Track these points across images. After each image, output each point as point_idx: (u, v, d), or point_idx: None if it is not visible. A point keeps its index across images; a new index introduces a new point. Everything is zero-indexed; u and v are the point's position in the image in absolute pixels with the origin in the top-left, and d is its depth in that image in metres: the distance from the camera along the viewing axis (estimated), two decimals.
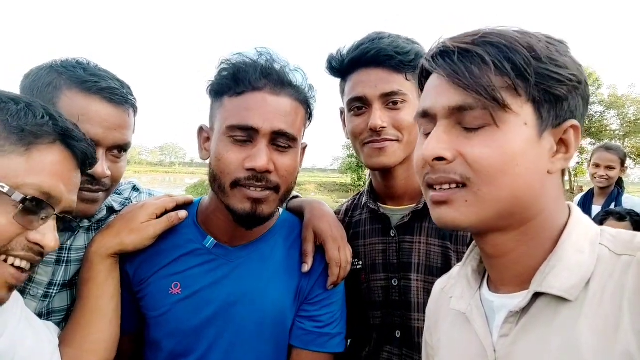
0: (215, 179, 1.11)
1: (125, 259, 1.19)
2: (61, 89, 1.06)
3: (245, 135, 1.06)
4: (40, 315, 1.14)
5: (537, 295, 0.70)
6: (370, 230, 1.38)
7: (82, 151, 0.89)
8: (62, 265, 1.17)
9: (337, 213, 1.50)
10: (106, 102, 1.08)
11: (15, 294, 0.98)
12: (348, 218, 1.48)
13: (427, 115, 0.75)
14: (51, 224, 0.83)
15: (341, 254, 1.22)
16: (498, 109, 0.67)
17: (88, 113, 1.06)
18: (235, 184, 1.07)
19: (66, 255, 1.18)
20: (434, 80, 0.75)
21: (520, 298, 0.72)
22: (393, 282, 1.29)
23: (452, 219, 0.71)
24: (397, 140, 1.25)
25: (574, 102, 0.71)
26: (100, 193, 1.12)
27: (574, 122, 0.72)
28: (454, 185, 0.70)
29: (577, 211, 0.76)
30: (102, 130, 1.06)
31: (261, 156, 1.05)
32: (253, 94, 1.07)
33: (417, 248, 1.27)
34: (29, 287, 1.13)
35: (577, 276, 0.67)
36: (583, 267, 0.68)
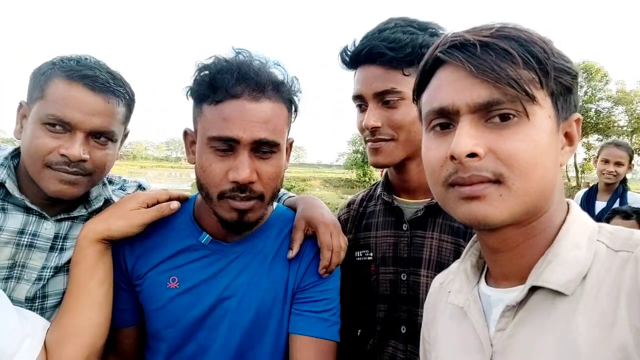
0: (202, 188, 1.12)
1: (125, 254, 1.21)
2: (51, 77, 1.14)
3: (226, 145, 1.06)
4: (35, 298, 1.19)
5: (533, 290, 0.70)
6: (383, 222, 1.36)
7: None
8: (55, 252, 1.23)
9: (352, 202, 1.49)
10: (86, 89, 1.13)
11: None
12: (362, 208, 1.46)
13: (444, 112, 0.72)
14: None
15: (333, 240, 1.22)
16: (528, 101, 0.66)
17: (67, 98, 1.12)
18: (222, 195, 1.09)
19: (60, 243, 1.24)
20: (450, 74, 0.72)
21: (517, 292, 0.72)
22: (402, 276, 1.27)
23: (485, 215, 0.68)
24: (392, 140, 1.22)
25: (577, 95, 0.73)
26: (80, 177, 1.16)
27: (578, 115, 0.75)
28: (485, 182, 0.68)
29: (575, 208, 0.77)
30: (79, 115, 1.12)
31: (243, 168, 1.04)
32: (231, 103, 1.05)
33: (429, 243, 1.24)
34: (23, 273, 1.18)
35: (573, 271, 0.67)
36: (580, 262, 0.68)
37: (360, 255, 1.35)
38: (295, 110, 1.21)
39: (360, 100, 1.26)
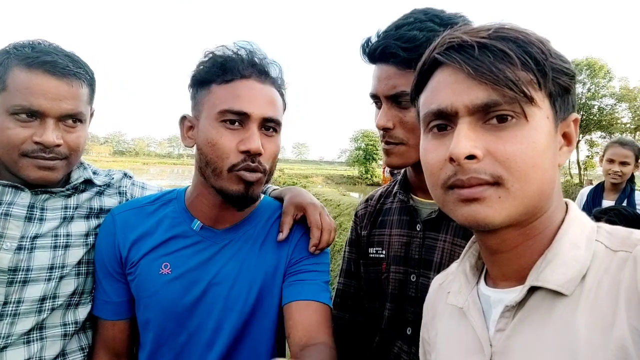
0: (209, 164, 1.15)
1: (120, 243, 1.24)
2: (9, 67, 1.14)
3: (237, 119, 1.12)
4: (17, 269, 1.17)
5: (533, 290, 0.70)
6: (398, 220, 1.34)
7: None
8: (34, 222, 1.22)
9: (370, 198, 1.48)
10: (48, 75, 1.13)
11: None
12: (379, 204, 1.44)
13: (442, 114, 0.73)
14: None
15: (322, 219, 1.26)
16: (526, 102, 0.66)
17: (31, 86, 1.12)
18: (232, 168, 1.12)
19: (38, 213, 1.23)
20: (448, 76, 0.72)
21: (516, 292, 0.72)
22: (411, 277, 1.24)
23: (485, 217, 0.68)
24: (403, 144, 1.18)
25: (574, 95, 0.73)
26: (57, 161, 1.19)
27: (576, 115, 0.75)
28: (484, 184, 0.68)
29: (574, 208, 0.77)
30: (46, 102, 1.13)
31: (254, 140, 1.11)
32: (242, 82, 1.13)
33: (441, 246, 1.21)
34: (2, 242, 1.17)
35: (573, 271, 0.68)
36: (579, 262, 0.68)
37: (374, 252, 1.34)
38: (284, 105, 1.27)
39: (376, 99, 1.22)
